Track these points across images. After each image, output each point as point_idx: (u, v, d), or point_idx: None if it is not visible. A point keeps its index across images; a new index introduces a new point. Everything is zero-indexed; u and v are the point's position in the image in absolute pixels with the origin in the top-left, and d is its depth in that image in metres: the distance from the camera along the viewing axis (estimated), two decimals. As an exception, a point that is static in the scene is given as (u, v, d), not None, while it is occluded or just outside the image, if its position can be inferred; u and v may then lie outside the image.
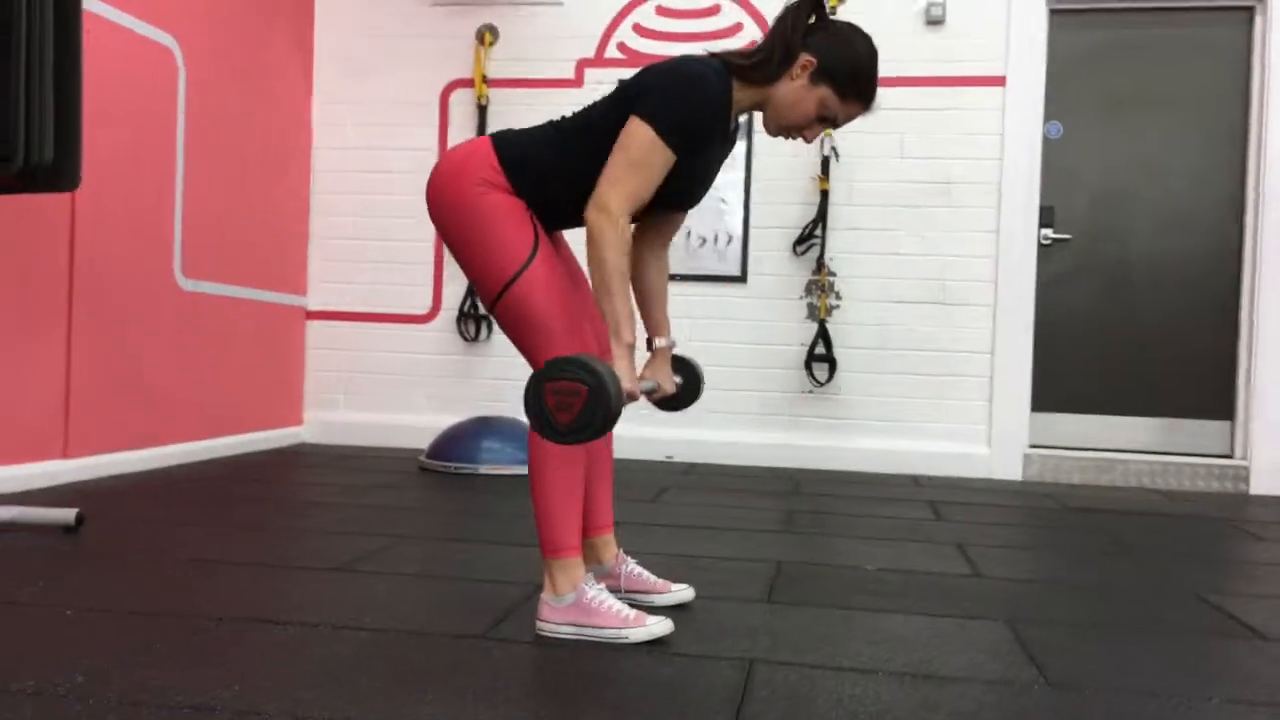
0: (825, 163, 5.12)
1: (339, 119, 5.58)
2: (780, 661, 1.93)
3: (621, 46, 5.34)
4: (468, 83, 5.45)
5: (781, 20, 2.11)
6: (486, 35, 5.41)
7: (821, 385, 5.15)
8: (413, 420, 5.44)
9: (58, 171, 2.84)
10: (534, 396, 1.75)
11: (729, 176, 5.23)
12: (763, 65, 2.10)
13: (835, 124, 2.15)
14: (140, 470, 4.19)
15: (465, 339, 5.41)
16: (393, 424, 5.45)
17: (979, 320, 5.11)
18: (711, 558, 2.87)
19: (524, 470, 4.51)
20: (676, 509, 3.73)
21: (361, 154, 5.56)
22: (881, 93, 5.10)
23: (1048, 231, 5.14)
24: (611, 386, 1.72)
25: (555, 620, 2.04)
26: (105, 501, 3.45)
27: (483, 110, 5.39)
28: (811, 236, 5.14)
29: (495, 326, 5.41)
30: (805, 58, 2.08)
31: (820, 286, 5.15)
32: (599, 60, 5.35)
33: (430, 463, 4.62)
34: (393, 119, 5.53)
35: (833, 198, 5.16)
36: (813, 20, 2.12)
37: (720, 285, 5.28)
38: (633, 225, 2.28)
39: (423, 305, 5.45)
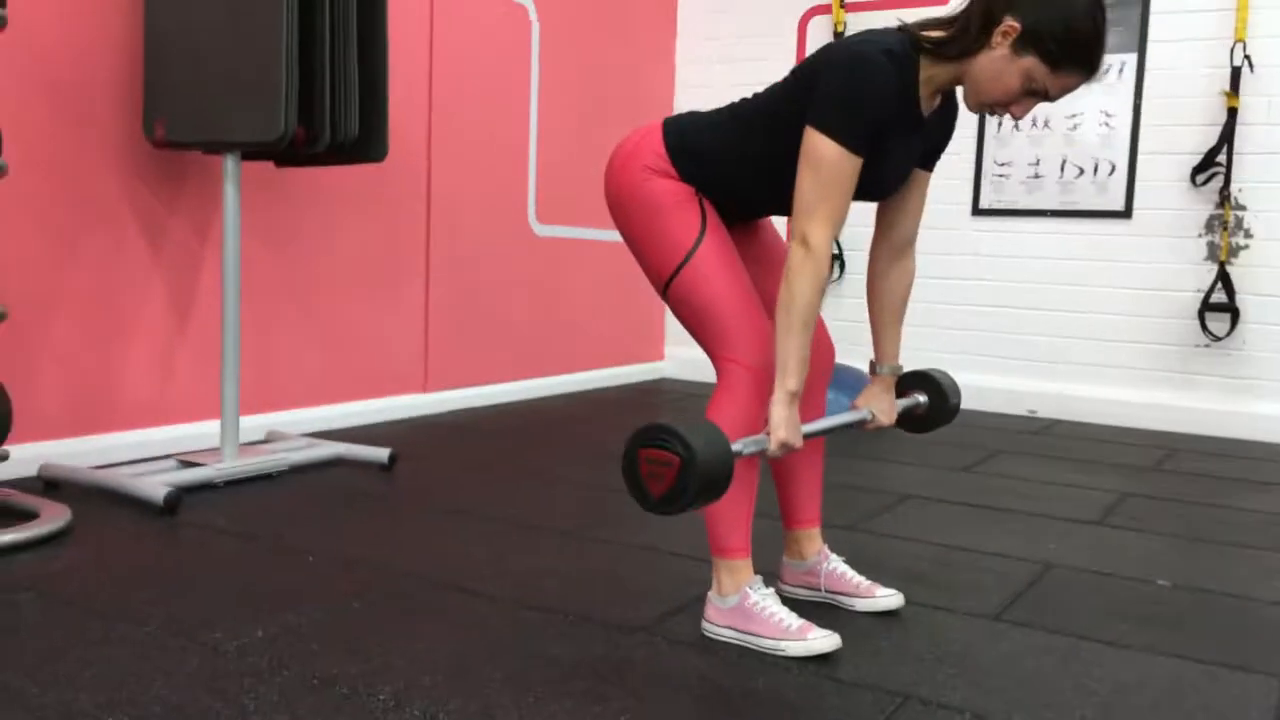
0: (1235, 75, 4.31)
1: (703, 56, 5.59)
2: (940, 704, 1.70)
3: (994, -45, 4.81)
4: (825, 9, 5.21)
5: None
6: (846, -43, 5.12)
7: (1219, 339, 4.41)
8: (765, 360, 5.42)
9: (364, 145, 3.12)
10: (628, 462, 1.65)
11: (1114, 99, 4.57)
12: (955, 40, 1.80)
13: (1048, 97, 1.80)
14: (496, 404, 4.57)
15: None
16: (746, 363, 5.47)
17: None
18: (973, 551, 2.59)
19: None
20: (986, 480, 3.40)
21: (723, 91, 5.52)
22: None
23: None
24: (708, 460, 1.58)
25: (718, 622, 1.95)
26: (444, 436, 3.81)
27: (839, 37, 5.13)
28: (1214, 163, 4.37)
29: (845, 268, 5.21)
30: (1008, 23, 1.75)
31: (1223, 223, 4.38)
32: (968, -27, 4.86)
33: (760, 409, 4.58)
34: (752, 53, 5.43)
35: (1243, 116, 4.33)
36: None
37: (1099, 221, 4.67)
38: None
39: (778, 244, 5.36)
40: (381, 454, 3.24)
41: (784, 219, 2.22)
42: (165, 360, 3.31)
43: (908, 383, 2.24)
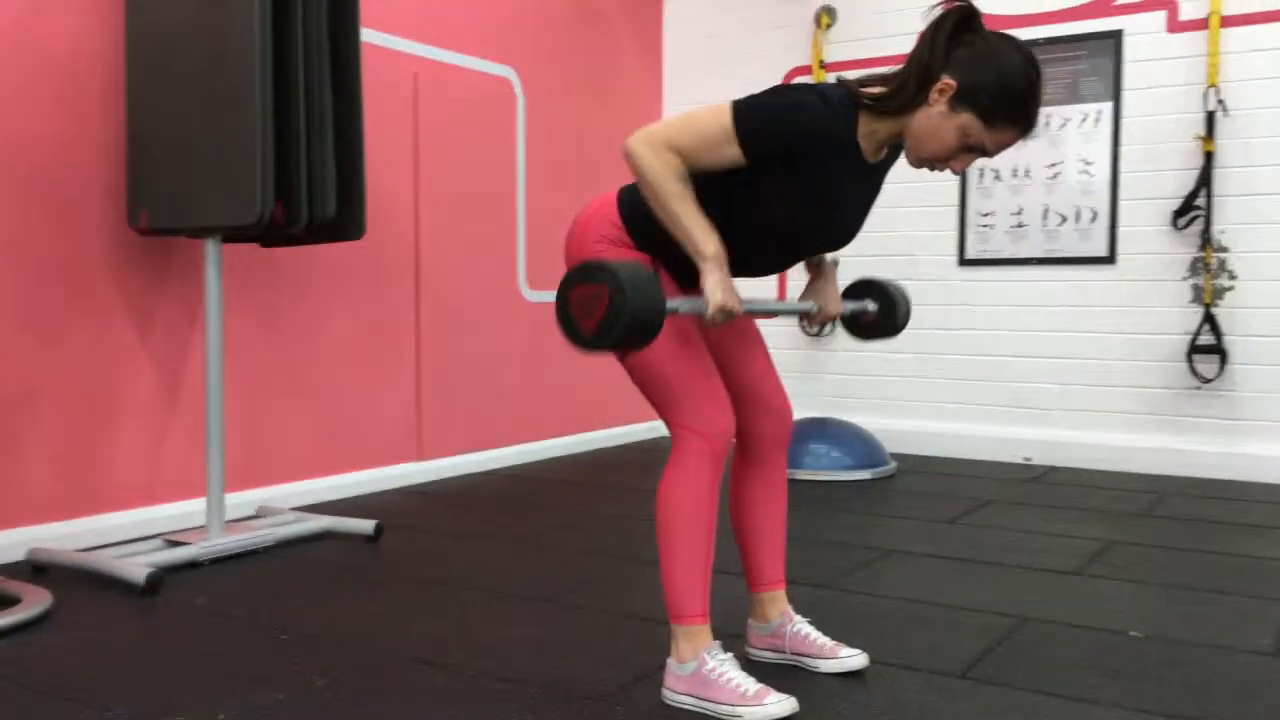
0: (1210, 119, 4.35)
1: (688, 119, 5.67)
2: (892, 767, 1.70)
3: (968, 11, 4.88)
4: (805, 70, 5.30)
5: (921, 40, 1.84)
6: (824, 18, 5.22)
7: (1209, 381, 4.41)
8: (762, 416, 5.42)
9: (341, 224, 3.20)
10: (561, 303, 1.69)
11: (1093, 146, 4.62)
12: (893, 96, 1.85)
13: (985, 153, 1.85)
14: (492, 469, 4.59)
15: (807, 334, 5.30)
16: (742, 419, 5.47)
17: None
18: (948, 607, 2.59)
19: (845, 476, 4.36)
20: (972, 532, 3.40)
21: (710, 152, 5.60)
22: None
23: None
24: (634, 289, 1.62)
25: (677, 689, 1.96)
26: (437, 504, 3.84)
27: (820, 97, 5.21)
28: (1194, 207, 4.40)
29: (840, 323, 5.23)
30: (944, 80, 1.80)
31: (1206, 265, 4.39)
32: (943, 29, 4.94)
33: (753, 466, 4.59)
34: (737, 114, 5.51)
35: (1220, 160, 4.37)
36: (959, 36, 1.82)
37: (1084, 268, 4.69)
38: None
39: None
40: (367, 526, 3.27)
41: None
42: (156, 441, 3.36)
43: (859, 290, 2.28)
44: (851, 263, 5.18)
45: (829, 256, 2.18)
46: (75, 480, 3.16)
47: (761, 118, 1.83)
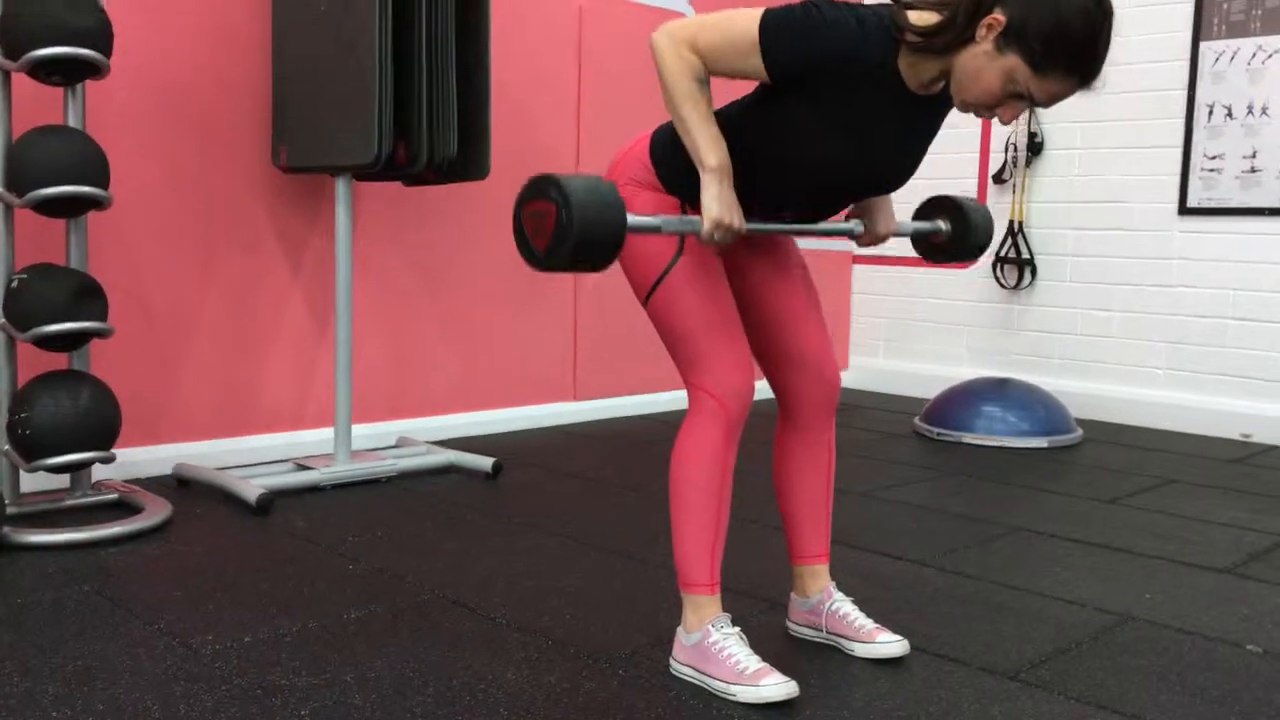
0: None
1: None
2: (869, 770, 1.55)
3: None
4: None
5: None
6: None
7: None
8: (952, 372, 5.10)
9: (464, 164, 3.22)
10: (516, 222, 1.61)
11: (1344, 76, 3.97)
12: (939, 32, 1.61)
13: (1035, 103, 1.59)
14: (644, 413, 4.57)
15: (1003, 286, 4.91)
16: (931, 375, 5.17)
17: None
18: (1046, 597, 2.33)
19: (1018, 443, 4.03)
20: (1129, 515, 3.05)
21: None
22: None
23: None
24: (584, 205, 1.51)
25: (680, 659, 1.87)
26: (579, 445, 3.87)
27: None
28: None
29: (1038, 273, 4.82)
30: (993, 15, 1.56)
31: None
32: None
33: (920, 425, 4.33)
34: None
35: None
36: None
37: (1327, 220, 4.07)
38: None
39: (965, 249, 5.04)
40: (486, 463, 3.33)
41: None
42: (304, 369, 3.55)
43: (934, 207, 2.06)
44: (1060, 209, 4.75)
45: None
46: (226, 402, 3.38)
47: (789, 33, 1.64)
